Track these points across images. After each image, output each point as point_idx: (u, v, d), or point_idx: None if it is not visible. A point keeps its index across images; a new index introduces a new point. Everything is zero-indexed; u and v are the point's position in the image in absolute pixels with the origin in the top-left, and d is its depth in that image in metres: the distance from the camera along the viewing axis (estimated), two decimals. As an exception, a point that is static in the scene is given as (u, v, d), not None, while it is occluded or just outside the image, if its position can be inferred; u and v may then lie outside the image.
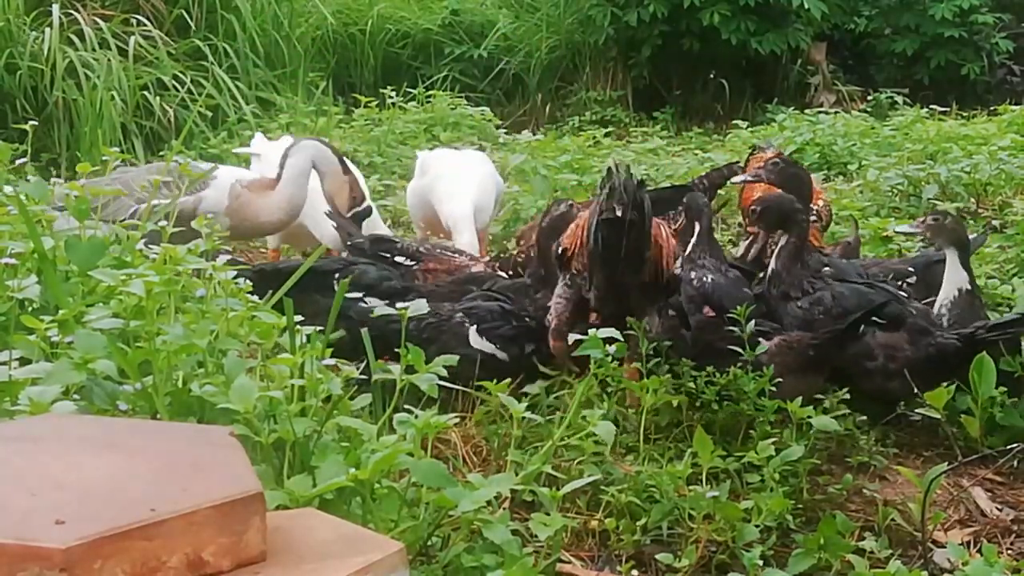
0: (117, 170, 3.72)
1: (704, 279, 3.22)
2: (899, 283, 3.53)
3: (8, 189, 2.73)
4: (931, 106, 8.46)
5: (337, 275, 3.20)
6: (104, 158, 3.47)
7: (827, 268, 3.40)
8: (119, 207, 3.54)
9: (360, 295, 3.15)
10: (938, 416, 2.97)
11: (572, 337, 2.57)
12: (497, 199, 4.57)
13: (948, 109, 8.74)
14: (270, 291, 2.54)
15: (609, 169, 2.90)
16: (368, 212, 3.99)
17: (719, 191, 4.36)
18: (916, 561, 2.42)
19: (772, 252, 3.29)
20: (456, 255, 3.77)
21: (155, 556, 1.23)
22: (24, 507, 1.24)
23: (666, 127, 9.33)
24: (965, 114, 8.79)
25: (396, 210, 5.54)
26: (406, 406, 2.12)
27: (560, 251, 3.09)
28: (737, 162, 4.73)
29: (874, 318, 3.06)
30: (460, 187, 4.29)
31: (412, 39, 9.99)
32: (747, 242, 3.44)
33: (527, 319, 3.20)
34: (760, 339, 2.97)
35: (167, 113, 6.71)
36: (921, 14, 10.46)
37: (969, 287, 3.31)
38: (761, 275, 3.35)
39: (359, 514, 1.87)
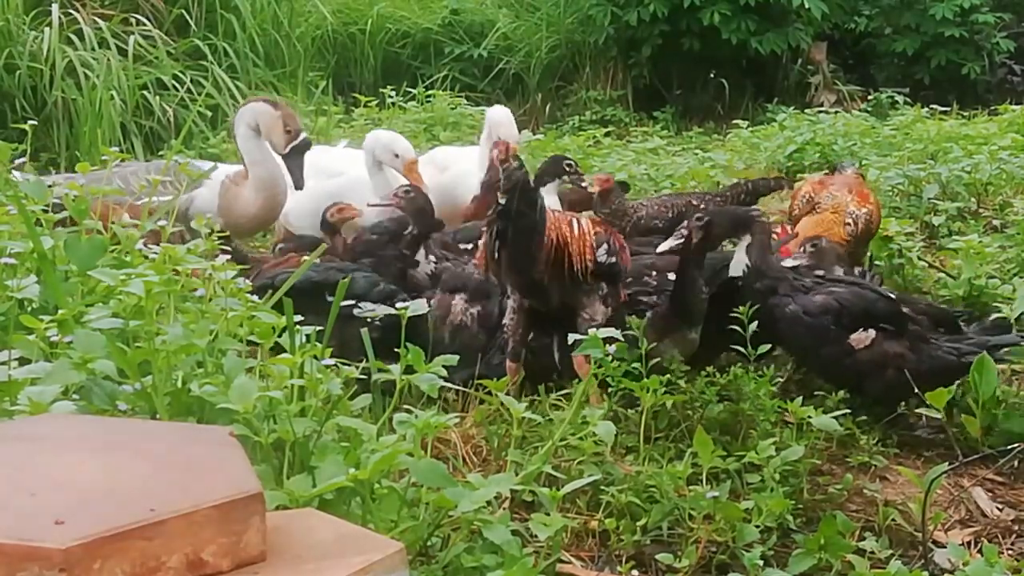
0: (117, 165, 3.71)
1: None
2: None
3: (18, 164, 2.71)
4: (931, 106, 8.46)
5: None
6: (103, 157, 3.47)
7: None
8: (115, 201, 3.53)
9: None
10: (938, 416, 2.96)
11: (572, 338, 2.56)
12: None
13: (948, 109, 8.74)
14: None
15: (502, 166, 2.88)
16: (307, 145, 3.93)
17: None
18: (916, 561, 2.42)
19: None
20: None
21: (155, 556, 1.23)
22: (24, 507, 1.24)
23: (666, 127, 9.32)
24: (966, 114, 8.78)
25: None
26: (406, 406, 2.12)
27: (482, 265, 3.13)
28: (784, 177, 4.76)
29: (882, 324, 3.07)
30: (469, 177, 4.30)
31: (412, 39, 9.99)
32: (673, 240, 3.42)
33: None
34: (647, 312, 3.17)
35: (167, 113, 6.70)
36: (921, 14, 10.46)
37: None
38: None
39: (359, 514, 1.87)
